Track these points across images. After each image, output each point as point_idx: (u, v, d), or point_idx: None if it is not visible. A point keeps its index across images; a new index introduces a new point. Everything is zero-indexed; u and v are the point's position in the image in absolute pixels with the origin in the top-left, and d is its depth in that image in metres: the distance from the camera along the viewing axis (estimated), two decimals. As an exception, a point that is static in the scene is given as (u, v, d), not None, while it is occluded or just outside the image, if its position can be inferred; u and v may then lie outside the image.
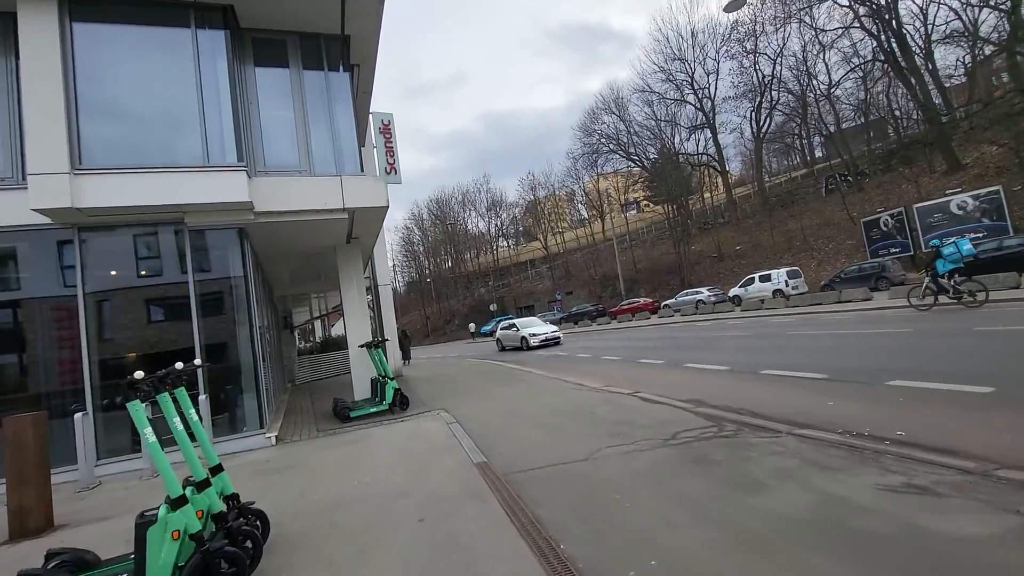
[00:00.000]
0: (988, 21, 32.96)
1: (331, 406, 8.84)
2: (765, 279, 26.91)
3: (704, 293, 30.67)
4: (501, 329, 23.32)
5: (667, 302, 33.24)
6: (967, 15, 33.70)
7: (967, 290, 11.65)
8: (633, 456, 4.43)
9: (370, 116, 15.86)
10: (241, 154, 6.91)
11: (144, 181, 6.45)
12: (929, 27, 35.19)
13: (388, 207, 7.82)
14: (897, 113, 41.30)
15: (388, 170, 15.97)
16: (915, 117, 39.41)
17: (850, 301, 19.03)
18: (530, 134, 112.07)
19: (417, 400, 9.43)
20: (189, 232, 6.98)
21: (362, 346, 8.81)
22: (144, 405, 2.86)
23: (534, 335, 20.34)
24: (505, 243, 69.47)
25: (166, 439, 2.91)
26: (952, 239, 12.35)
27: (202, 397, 6.10)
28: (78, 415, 5.69)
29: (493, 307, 48.98)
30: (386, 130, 16.04)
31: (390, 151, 15.98)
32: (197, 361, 3.56)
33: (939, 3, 32.86)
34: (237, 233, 7.22)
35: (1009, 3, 29.12)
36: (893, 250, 24.72)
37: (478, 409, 7.86)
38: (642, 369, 10.65)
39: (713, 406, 6.28)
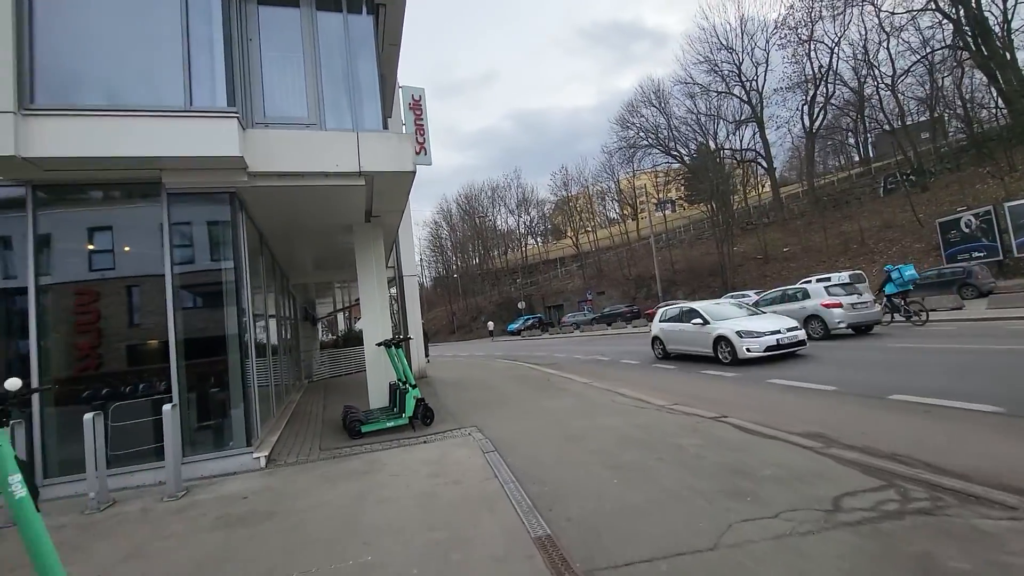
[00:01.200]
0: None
1: (341, 413, 7.37)
2: (823, 282, 24.46)
3: (752, 297, 28.26)
4: (666, 321, 13.17)
5: (710, 305, 30.94)
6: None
7: (914, 310, 13.52)
8: (796, 546, 2.73)
9: (399, 90, 14.47)
10: (233, 98, 5.45)
11: (110, 126, 5.04)
12: (1009, 11, 31.50)
13: (415, 173, 6.27)
14: (969, 107, 37.80)
15: (418, 151, 14.51)
16: (993, 110, 35.99)
17: (934, 310, 16.65)
18: (559, 133, 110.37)
19: (443, 411, 7.88)
20: (168, 195, 5.57)
21: (380, 344, 7.31)
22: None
23: (751, 333, 10.29)
24: (533, 241, 67.83)
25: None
26: (898, 267, 13.78)
27: (168, 408, 4.65)
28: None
29: (521, 305, 47.41)
30: (416, 106, 14.59)
31: (420, 129, 14.53)
32: (12, 383, 2.05)
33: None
34: (228, 200, 5.77)
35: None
36: (976, 254, 22.01)
37: (521, 430, 6.24)
38: (712, 383, 8.85)
39: (851, 446, 4.51)
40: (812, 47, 40.15)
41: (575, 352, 18.52)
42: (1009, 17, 31.46)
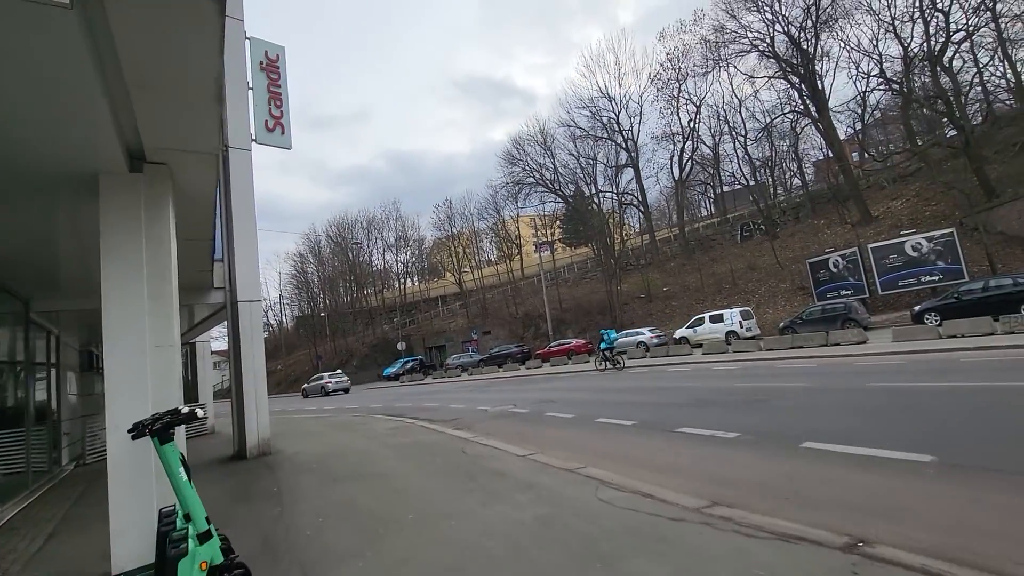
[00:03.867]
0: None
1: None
2: (716, 319, 24.41)
3: (646, 334, 27.64)
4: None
5: (604, 344, 29.73)
6: (857, 86, 35.96)
7: (617, 360, 19.42)
8: None
9: (246, 41, 10.41)
10: None
11: None
12: (827, 92, 36.23)
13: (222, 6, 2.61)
14: (804, 167, 43.58)
15: (272, 126, 10.46)
16: (823, 170, 41.63)
17: (838, 344, 16.46)
18: (434, 175, 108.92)
19: (288, 557, 3.92)
20: None
21: (135, 433, 3.17)
22: None
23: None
24: (411, 281, 63.33)
25: None
26: (607, 331, 20.29)
27: None
28: None
29: (401, 346, 42.50)
30: (272, 67, 10.57)
31: (276, 98, 10.50)
32: None
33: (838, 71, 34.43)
34: None
35: (902, 83, 31.31)
36: (844, 292, 23.41)
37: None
38: (712, 449, 6.05)
39: None
40: (679, 104, 43.45)
41: (476, 402, 15.00)
42: (827, 96, 36.50)
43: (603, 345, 19.63)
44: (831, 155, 36.47)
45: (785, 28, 34.60)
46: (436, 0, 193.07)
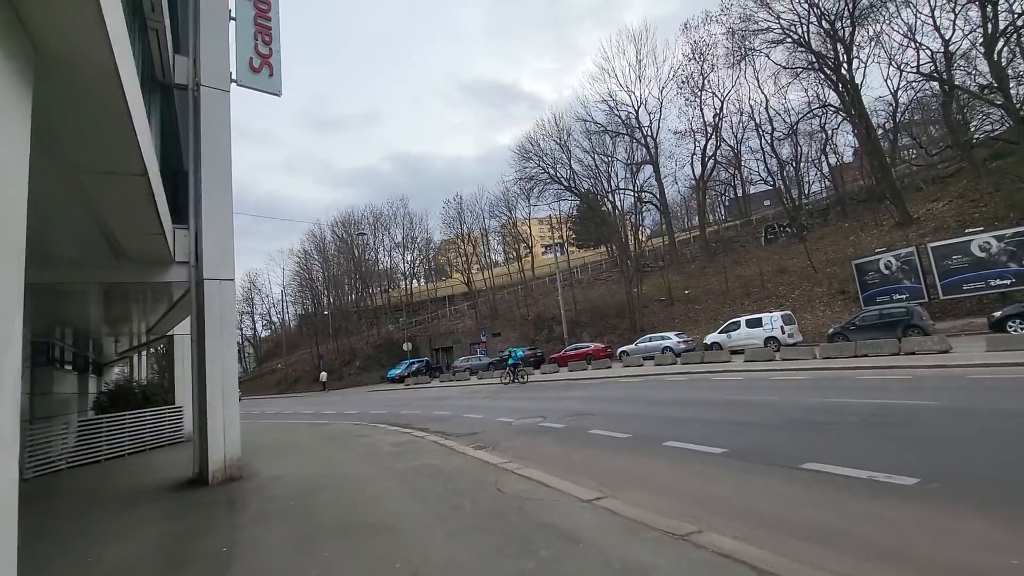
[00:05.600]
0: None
1: None
2: (754, 324, 22.19)
3: (672, 339, 25.50)
4: None
5: (625, 348, 27.63)
6: (890, 84, 33.91)
7: (522, 375, 22.32)
8: None
9: (229, -37, 8.42)
10: None
11: None
12: (859, 85, 34.13)
13: None
14: (837, 168, 41.31)
15: (258, 66, 8.47)
16: (855, 170, 39.45)
17: (914, 353, 14.26)
18: (440, 178, 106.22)
19: None
20: None
21: None
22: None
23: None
24: (417, 282, 61.21)
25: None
26: (514, 349, 24.01)
27: None
28: None
29: (407, 347, 40.49)
30: (261, -4, 8.60)
31: (264, 32, 8.52)
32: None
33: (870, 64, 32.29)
34: None
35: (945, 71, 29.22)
36: (897, 296, 21.16)
37: None
38: (894, 506, 3.91)
39: None
40: (703, 99, 41.26)
41: (495, 411, 12.92)
42: (859, 90, 34.27)
43: (511, 361, 22.52)
44: (864, 154, 34.20)
45: (819, 20, 32.45)
46: (445, 5, 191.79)
